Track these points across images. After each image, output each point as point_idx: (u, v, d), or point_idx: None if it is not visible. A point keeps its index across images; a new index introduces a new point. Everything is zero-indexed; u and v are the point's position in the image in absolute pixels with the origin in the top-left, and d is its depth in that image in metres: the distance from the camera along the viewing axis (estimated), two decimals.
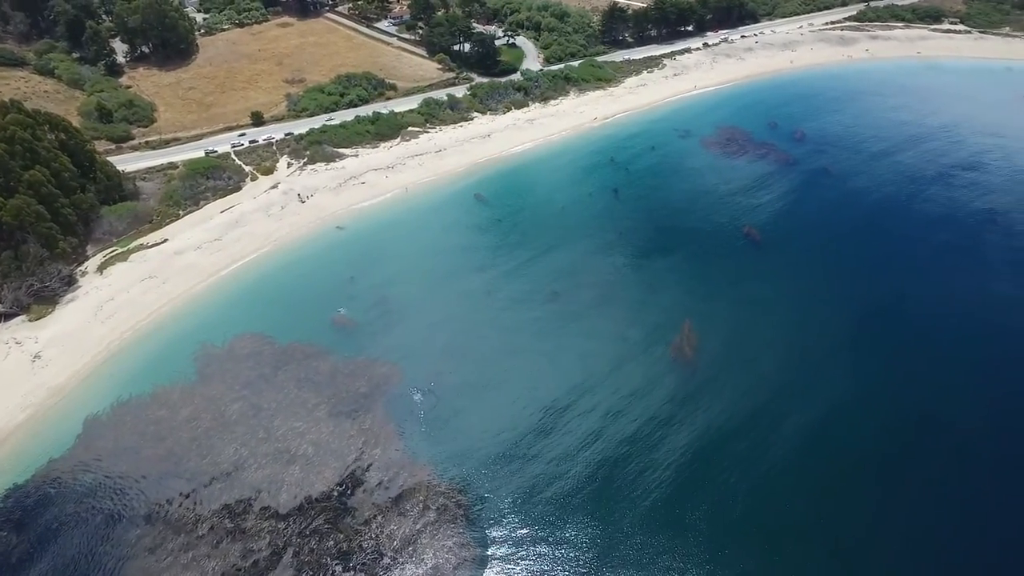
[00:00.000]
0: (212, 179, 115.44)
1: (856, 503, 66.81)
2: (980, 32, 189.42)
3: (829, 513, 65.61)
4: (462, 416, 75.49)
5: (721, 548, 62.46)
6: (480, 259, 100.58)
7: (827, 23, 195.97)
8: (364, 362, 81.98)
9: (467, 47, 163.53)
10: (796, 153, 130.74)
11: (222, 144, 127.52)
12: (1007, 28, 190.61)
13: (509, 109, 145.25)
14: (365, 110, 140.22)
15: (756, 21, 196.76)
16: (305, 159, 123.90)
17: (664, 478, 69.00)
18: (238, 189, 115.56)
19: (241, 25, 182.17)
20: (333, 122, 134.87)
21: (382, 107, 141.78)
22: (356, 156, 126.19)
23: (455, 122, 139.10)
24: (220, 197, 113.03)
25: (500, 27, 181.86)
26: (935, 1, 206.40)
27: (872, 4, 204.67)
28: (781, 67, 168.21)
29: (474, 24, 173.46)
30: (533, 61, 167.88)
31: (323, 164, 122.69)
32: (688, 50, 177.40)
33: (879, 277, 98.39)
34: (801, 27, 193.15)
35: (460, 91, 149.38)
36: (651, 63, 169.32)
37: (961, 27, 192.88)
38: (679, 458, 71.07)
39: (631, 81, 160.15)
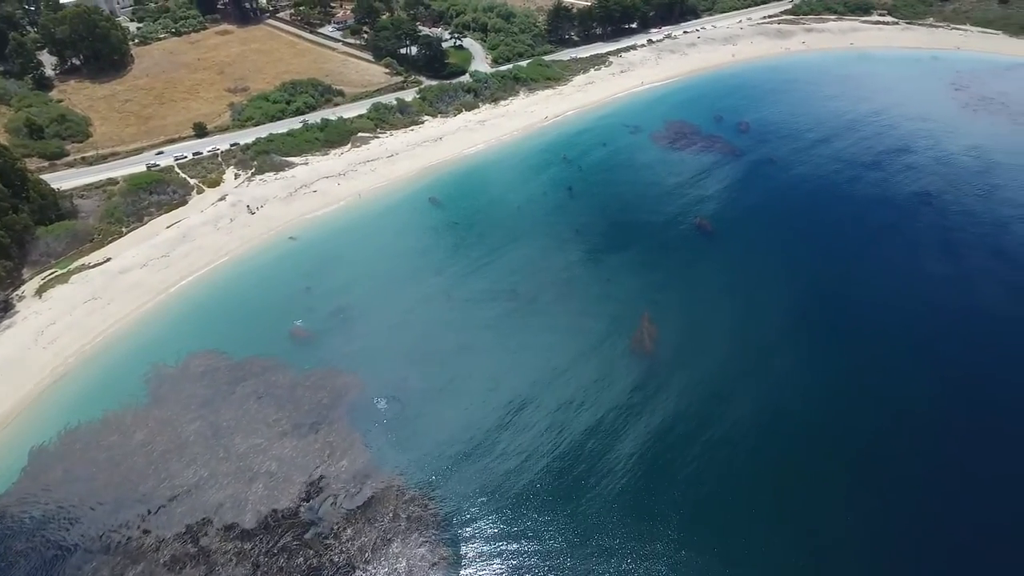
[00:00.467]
0: (156, 194, 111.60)
1: (816, 483, 68.89)
2: (907, 23, 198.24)
3: (790, 493, 67.58)
4: (427, 420, 74.95)
5: (688, 532, 63.63)
6: (438, 262, 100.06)
7: (765, 17, 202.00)
8: (325, 372, 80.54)
9: (414, 50, 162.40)
10: (741, 144, 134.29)
11: (164, 157, 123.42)
12: (931, 19, 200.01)
13: (460, 111, 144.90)
14: (313, 117, 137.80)
15: (697, 17, 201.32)
16: (253, 169, 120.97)
17: (630, 467, 69.89)
18: (184, 203, 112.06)
19: (178, 34, 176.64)
20: (280, 130, 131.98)
21: (330, 113, 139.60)
22: (306, 164, 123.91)
23: (406, 126, 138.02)
24: (165, 212, 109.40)
25: (446, 29, 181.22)
26: None
27: None
28: (723, 61, 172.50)
29: (420, 27, 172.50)
30: (481, 62, 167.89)
31: (272, 174, 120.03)
32: (633, 47, 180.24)
33: (825, 260, 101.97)
34: (740, 22, 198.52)
35: (409, 95, 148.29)
36: (598, 61, 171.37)
37: (889, 18, 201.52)
38: (644, 448, 72.07)
39: (579, 79, 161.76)
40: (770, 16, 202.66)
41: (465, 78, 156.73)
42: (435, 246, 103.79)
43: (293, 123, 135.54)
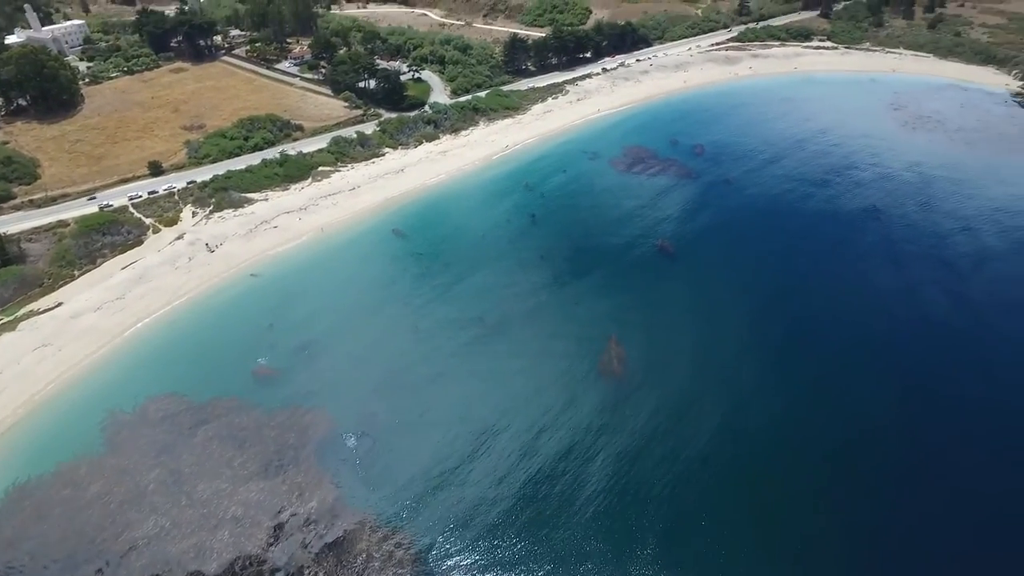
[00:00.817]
0: (109, 235, 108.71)
1: (785, 493, 69.80)
2: (845, 48, 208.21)
3: (762, 505, 68.33)
4: (399, 454, 73.65)
5: (664, 551, 63.59)
6: (404, 293, 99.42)
7: (713, 45, 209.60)
8: (291, 411, 78.67)
9: (372, 84, 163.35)
10: (697, 166, 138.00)
11: (118, 197, 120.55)
12: (867, 43, 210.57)
13: (421, 142, 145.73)
14: (272, 153, 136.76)
15: (649, 45, 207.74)
16: (211, 207, 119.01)
17: (604, 489, 69.79)
18: (140, 243, 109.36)
19: (130, 72, 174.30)
20: (239, 167, 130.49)
21: (290, 148, 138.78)
22: (266, 200, 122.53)
23: (367, 159, 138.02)
24: (120, 253, 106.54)
25: (404, 62, 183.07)
26: (804, 21, 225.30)
27: (750, 26, 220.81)
28: (676, 87, 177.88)
29: (378, 61, 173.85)
30: (440, 94, 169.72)
31: (231, 211, 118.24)
32: (589, 75, 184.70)
33: (783, 276, 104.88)
34: (690, 49, 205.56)
35: (369, 128, 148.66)
36: (555, 90, 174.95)
37: (829, 44, 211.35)
38: (617, 469, 72.07)
39: (537, 108, 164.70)
40: (718, 44, 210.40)
41: (425, 110, 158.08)
42: (400, 277, 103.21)
43: (252, 159, 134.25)
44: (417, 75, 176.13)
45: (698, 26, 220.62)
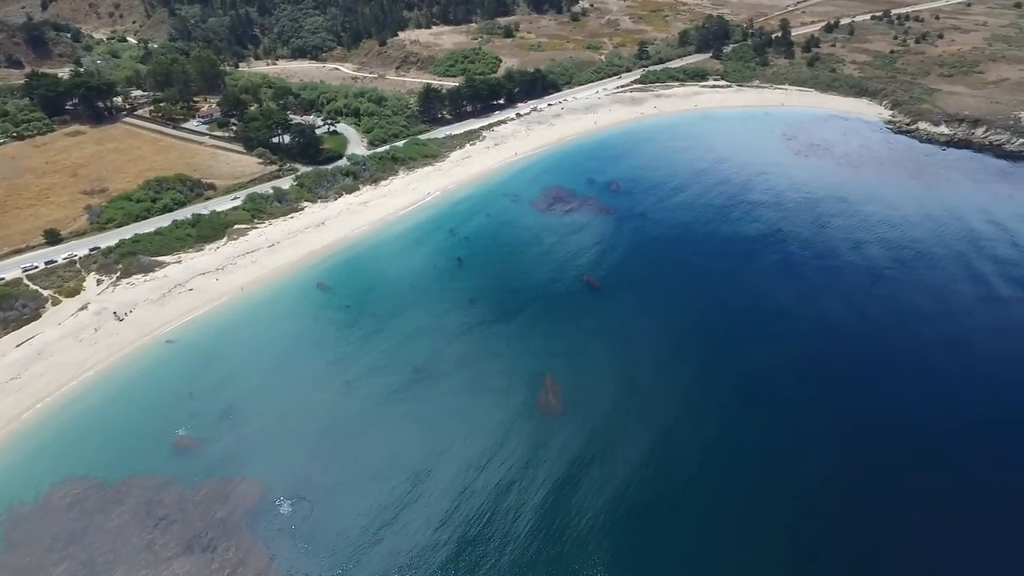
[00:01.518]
0: (0, 310, 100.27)
1: (722, 512, 71.38)
2: (738, 86, 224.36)
3: (703, 527, 69.51)
4: (337, 514, 70.32)
5: None
6: (332, 349, 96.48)
7: (619, 87, 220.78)
8: (218, 482, 73.78)
9: (287, 139, 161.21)
10: (613, 202, 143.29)
11: (10, 270, 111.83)
12: (757, 81, 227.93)
13: (340, 194, 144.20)
14: (183, 213, 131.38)
15: (559, 90, 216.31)
16: (118, 273, 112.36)
17: (549, 527, 69.08)
18: (36, 317, 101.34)
19: (20, 138, 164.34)
20: (147, 229, 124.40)
21: (202, 208, 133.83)
22: (179, 262, 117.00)
23: (285, 214, 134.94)
24: (13, 330, 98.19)
25: (319, 116, 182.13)
26: (699, 63, 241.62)
27: (651, 68, 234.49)
28: (587, 128, 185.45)
29: (291, 116, 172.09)
30: (358, 145, 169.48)
31: (141, 276, 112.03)
32: (504, 121, 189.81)
33: (701, 298, 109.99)
34: (598, 92, 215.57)
35: (286, 183, 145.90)
36: (472, 136, 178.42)
37: (723, 82, 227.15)
38: (561, 505, 71.72)
39: (456, 155, 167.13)
40: (623, 86, 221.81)
41: (342, 162, 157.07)
42: (328, 332, 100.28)
43: (161, 221, 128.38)
44: (332, 128, 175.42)
45: (603, 70, 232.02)
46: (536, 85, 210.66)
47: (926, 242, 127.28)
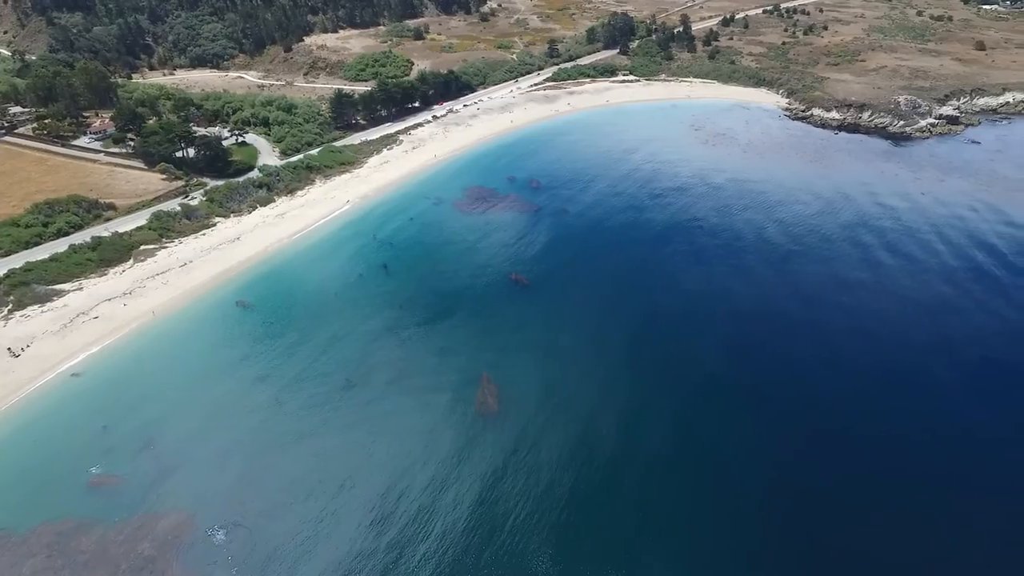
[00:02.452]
0: None
1: (672, 503, 73.76)
2: (646, 80, 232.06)
3: (654, 519, 71.55)
4: (276, 538, 67.68)
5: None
6: (258, 367, 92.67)
7: (532, 86, 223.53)
8: (143, 519, 69.41)
9: (191, 152, 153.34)
10: (537, 200, 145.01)
11: None
12: (663, 75, 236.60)
13: (255, 207, 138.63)
14: (81, 236, 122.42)
15: (473, 90, 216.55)
16: (10, 305, 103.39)
17: (506, 530, 69.05)
18: None
19: None
20: (40, 256, 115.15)
21: (102, 230, 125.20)
22: (80, 289, 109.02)
23: (196, 231, 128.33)
24: None
25: (225, 127, 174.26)
26: (608, 59, 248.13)
27: (563, 66, 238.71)
28: (505, 127, 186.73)
29: (194, 128, 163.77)
30: (270, 156, 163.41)
31: (37, 306, 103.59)
32: (420, 124, 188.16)
33: (628, 287, 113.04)
34: (512, 91, 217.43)
35: (195, 198, 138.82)
36: (389, 141, 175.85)
37: (632, 77, 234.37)
38: (515, 506, 71.93)
39: (374, 160, 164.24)
40: (536, 84, 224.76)
41: (254, 174, 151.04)
42: (252, 350, 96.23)
43: (56, 246, 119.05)
44: (241, 139, 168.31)
45: (516, 70, 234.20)
46: (450, 86, 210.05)
47: (825, 219, 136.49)
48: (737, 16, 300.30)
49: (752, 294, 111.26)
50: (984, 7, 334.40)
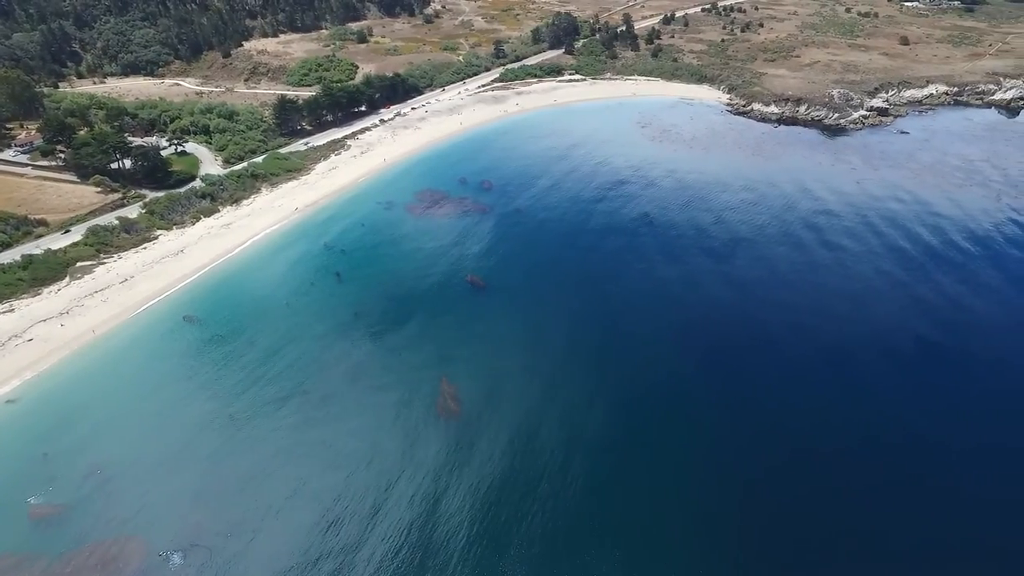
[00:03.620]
0: None
1: (638, 495, 74.79)
2: (592, 79, 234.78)
3: (622, 512, 72.36)
4: (242, 560, 65.60)
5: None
6: (210, 384, 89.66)
7: (480, 87, 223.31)
8: (92, 549, 66.28)
9: (128, 163, 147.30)
10: (488, 201, 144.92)
11: None
12: (609, 73, 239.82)
13: (199, 218, 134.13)
14: (10, 255, 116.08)
15: (421, 93, 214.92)
16: None
17: (474, 534, 68.70)
18: None
19: None
20: None
21: (33, 247, 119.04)
22: (11, 311, 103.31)
23: (136, 245, 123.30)
24: None
25: (163, 136, 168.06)
26: (554, 59, 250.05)
27: (509, 67, 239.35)
28: (454, 129, 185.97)
29: (130, 138, 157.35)
30: (212, 165, 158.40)
31: None
32: (368, 128, 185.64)
33: (583, 285, 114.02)
34: (460, 93, 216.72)
35: (133, 211, 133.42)
36: (336, 146, 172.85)
37: (578, 76, 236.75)
38: (484, 510, 71.68)
39: (322, 166, 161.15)
40: (484, 85, 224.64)
41: (196, 184, 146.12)
42: (202, 367, 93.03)
43: None
44: (181, 148, 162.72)
45: (463, 71, 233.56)
46: (397, 89, 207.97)
47: (769, 210, 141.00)
48: (677, 15, 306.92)
49: (701, 284, 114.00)
50: (906, 3, 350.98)
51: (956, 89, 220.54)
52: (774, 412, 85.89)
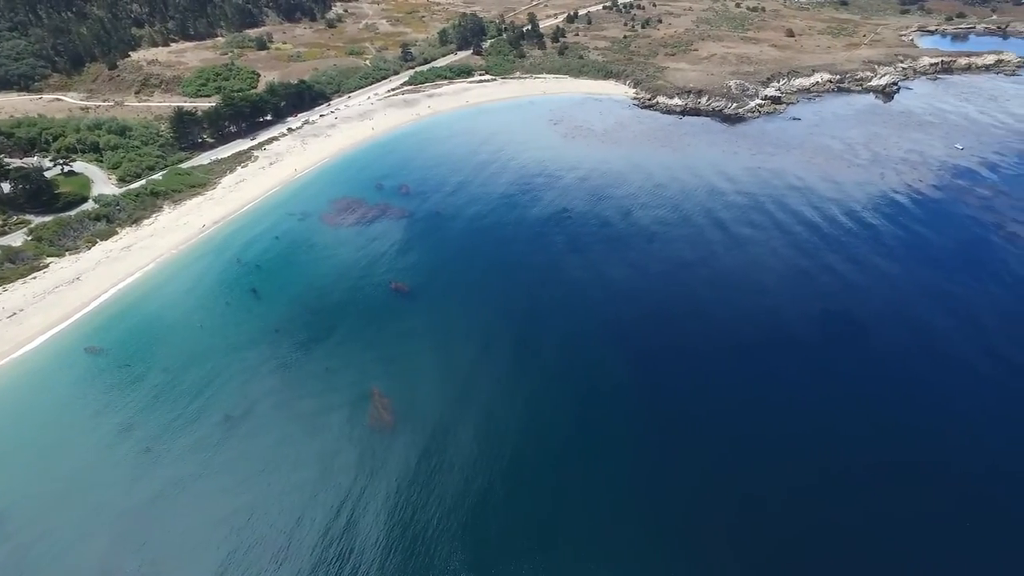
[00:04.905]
0: None
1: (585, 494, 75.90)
2: (502, 79, 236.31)
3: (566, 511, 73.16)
4: None
5: None
6: (121, 417, 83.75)
7: (389, 91, 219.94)
8: None
9: (6, 187, 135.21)
10: (407, 205, 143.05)
11: None
12: (518, 72, 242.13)
13: (94, 242, 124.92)
14: None
15: (329, 100, 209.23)
16: None
17: (427, 538, 67.67)
18: None
19: None
20: None
21: None
22: None
23: (23, 276, 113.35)
24: None
25: (46, 156, 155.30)
26: (463, 60, 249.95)
27: (418, 69, 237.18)
28: (366, 135, 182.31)
29: (5, 159, 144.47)
30: (105, 184, 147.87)
31: None
32: (275, 138, 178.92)
33: (505, 283, 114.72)
34: (369, 98, 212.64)
35: (17, 238, 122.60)
36: (243, 158, 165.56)
37: (488, 76, 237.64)
38: (430, 514, 70.59)
39: (228, 180, 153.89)
40: (393, 89, 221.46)
41: (89, 205, 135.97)
42: (111, 401, 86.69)
43: None
44: (68, 168, 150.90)
45: (371, 75, 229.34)
46: (304, 97, 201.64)
47: (681, 198, 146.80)
48: (580, 13, 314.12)
49: (618, 276, 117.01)
50: None
51: (838, 77, 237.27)
52: (688, 396, 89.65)
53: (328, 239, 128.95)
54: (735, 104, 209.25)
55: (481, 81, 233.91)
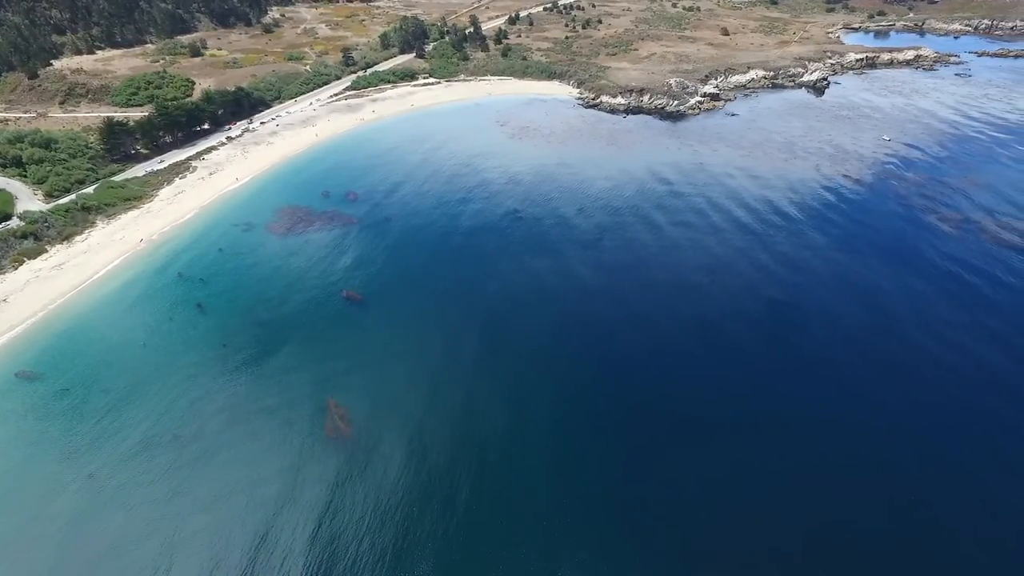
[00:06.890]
0: None
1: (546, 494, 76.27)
2: (447, 82, 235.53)
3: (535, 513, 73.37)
4: None
5: None
6: (60, 445, 79.49)
7: (332, 96, 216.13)
8: None
9: None
10: (357, 212, 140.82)
11: None
12: (462, 75, 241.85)
13: (21, 261, 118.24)
14: None
15: (269, 106, 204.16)
16: None
17: (395, 549, 66.65)
18: None
19: None
20: None
21: None
22: None
23: None
24: None
25: None
26: (406, 63, 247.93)
27: (361, 74, 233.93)
28: (309, 142, 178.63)
29: None
30: (31, 201, 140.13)
31: None
32: (214, 147, 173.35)
33: (460, 286, 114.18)
34: (312, 104, 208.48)
35: None
36: (180, 168, 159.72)
37: (432, 79, 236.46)
38: (384, 525, 69.63)
39: (166, 192, 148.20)
40: (336, 94, 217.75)
41: (13, 223, 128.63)
42: (48, 427, 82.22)
43: None
44: None
45: (312, 81, 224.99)
46: (243, 104, 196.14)
47: (629, 194, 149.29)
48: (522, 14, 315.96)
49: (572, 273, 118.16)
50: None
51: (772, 73, 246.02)
52: (649, 385, 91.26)
53: (275, 249, 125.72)
54: (676, 102, 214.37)
55: (426, 84, 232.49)
